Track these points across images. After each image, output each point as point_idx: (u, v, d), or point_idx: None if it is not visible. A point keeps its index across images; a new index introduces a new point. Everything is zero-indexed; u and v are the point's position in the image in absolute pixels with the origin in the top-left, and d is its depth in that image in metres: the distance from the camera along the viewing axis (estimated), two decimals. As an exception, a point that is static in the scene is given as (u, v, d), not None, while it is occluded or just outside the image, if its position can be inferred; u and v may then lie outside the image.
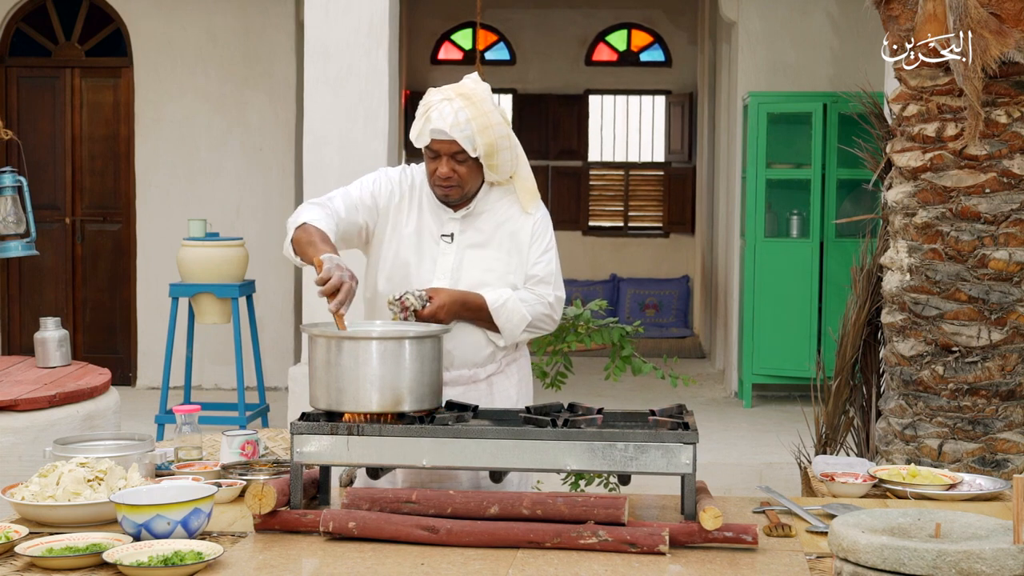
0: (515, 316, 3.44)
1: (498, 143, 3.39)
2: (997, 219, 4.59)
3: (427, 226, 3.51)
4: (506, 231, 3.51)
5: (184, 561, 2.53)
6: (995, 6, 4.43)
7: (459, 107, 3.35)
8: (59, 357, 5.34)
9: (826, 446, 5.26)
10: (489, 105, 3.39)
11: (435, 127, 3.35)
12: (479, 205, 3.51)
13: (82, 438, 3.39)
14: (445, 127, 3.33)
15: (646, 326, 8.00)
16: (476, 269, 3.46)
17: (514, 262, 3.50)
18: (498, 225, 3.51)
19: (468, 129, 3.33)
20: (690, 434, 2.84)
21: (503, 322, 3.44)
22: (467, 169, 3.40)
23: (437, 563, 2.62)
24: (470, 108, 3.35)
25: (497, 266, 3.48)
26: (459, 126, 3.33)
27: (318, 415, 3.02)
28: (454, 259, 3.47)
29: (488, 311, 3.42)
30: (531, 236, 3.52)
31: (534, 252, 3.52)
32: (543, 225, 3.57)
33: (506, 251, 3.50)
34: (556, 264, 3.57)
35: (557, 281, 3.55)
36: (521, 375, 3.62)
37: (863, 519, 2.36)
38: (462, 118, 3.33)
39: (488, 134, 3.36)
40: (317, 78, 6.62)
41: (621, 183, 13.66)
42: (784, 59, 9.06)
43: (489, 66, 12.72)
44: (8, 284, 9.76)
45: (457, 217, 3.50)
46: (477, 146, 3.35)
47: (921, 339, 4.70)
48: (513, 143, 3.46)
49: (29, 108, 9.74)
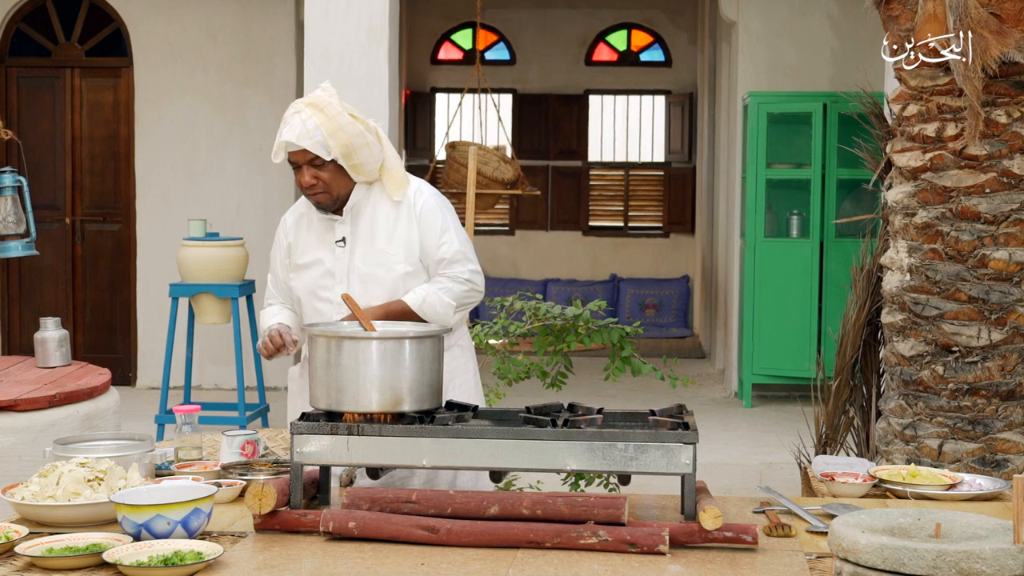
0: (439, 307, 3.60)
1: (352, 142, 3.53)
2: (997, 219, 4.59)
3: (324, 239, 3.70)
4: (388, 223, 3.65)
5: (184, 561, 2.53)
6: (995, 6, 4.43)
7: (307, 116, 3.52)
8: (59, 357, 5.34)
9: (826, 446, 5.26)
10: (337, 108, 3.54)
11: (285, 139, 3.53)
12: (360, 204, 3.66)
13: (82, 438, 3.40)
14: (293, 138, 3.51)
15: (646, 326, 8.01)
16: (366, 267, 3.63)
17: (401, 253, 3.63)
18: (379, 219, 3.65)
19: (318, 135, 3.50)
20: (690, 434, 2.84)
21: (430, 316, 3.59)
22: (329, 174, 3.57)
23: (437, 563, 2.62)
24: (318, 115, 3.52)
25: (385, 259, 3.63)
26: (308, 134, 3.50)
27: (318, 415, 3.02)
28: (347, 261, 3.65)
29: (412, 312, 3.57)
30: (419, 224, 3.64)
31: (432, 238, 3.65)
32: (430, 209, 3.67)
33: (391, 243, 3.64)
34: (460, 239, 3.68)
35: (467, 255, 3.69)
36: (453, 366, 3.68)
37: (863, 519, 2.36)
38: (310, 126, 3.50)
39: (339, 136, 3.52)
40: (317, 78, 6.61)
41: (621, 183, 13.66)
42: (784, 59, 9.06)
43: (489, 66, 12.71)
44: (8, 284, 9.76)
45: (344, 221, 3.67)
46: (331, 149, 3.52)
47: (921, 339, 4.70)
48: (371, 139, 3.58)
49: (29, 108, 9.74)
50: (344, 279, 3.64)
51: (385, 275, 3.62)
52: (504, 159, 9.85)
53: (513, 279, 12.99)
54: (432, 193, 3.72)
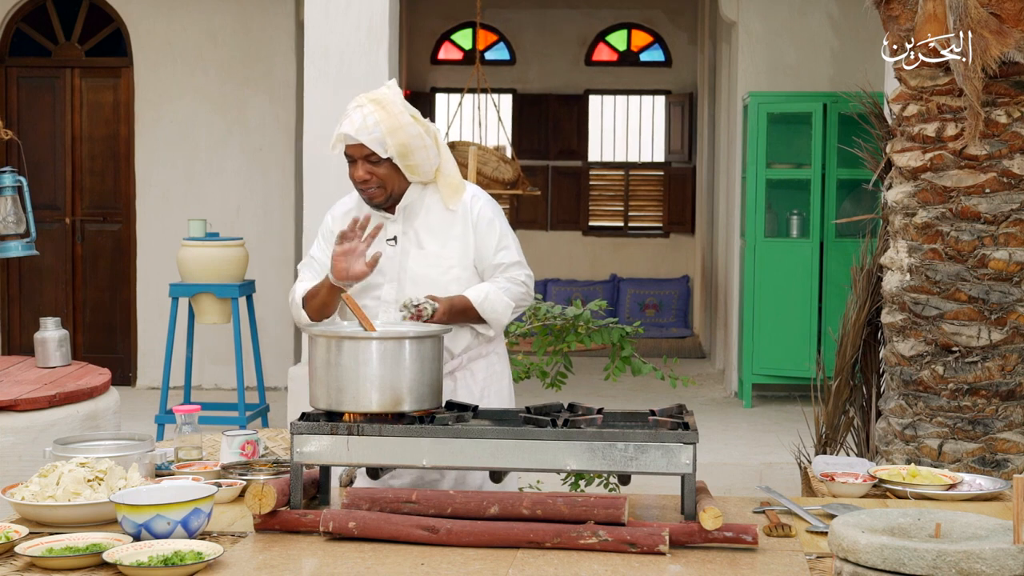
0: (499, 305, 3.57)
1: (411, 143, 3.51)
2: (997, 219, 4.59)
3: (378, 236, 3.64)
4: (442, 227, 3.62)
5: (184, 561, 2.53)
6: (995, 6, 4.43)
7: (368, 112, 3.49)
8: (59, 357, 5.33)
9: (826, 446, 5.26)
10: (399, 107, 3.52)
11: (343, 132, 3.50)
12: (414, 205, 3.62)
13: (82, 438, 3.40)
14: (352, 132, 3.48)
15: (646, 326, 8.00)
16: (418, 268, 3.59)
17: (455, 257, 3.61)
18: (434, 222, 3.62)
19: (376, 132, 3.47)
20: (690, 434, 2.84)
21: (489, 314, 3.56)
22: (384, 171, 3.53)
23: (437, 563, 2.62)
24: (379, 112, 3.49)
25: (438, 262, 3.59)
26: (367, 129, 3.47)
27: (318, 415, 3.02)
28: (399, 261, 3.61)
29: (475, 309, 3.54)
30: (475, 231, 3.61)
31: (489, 245, 3.63)
32: (488, 217, 3.64)
33: (445, 246, 3.61)
34: (515, 246, 3.69)
35: (522, 260, 3.69)
36: (489, 372, 3.69)
37: (863, 519, 2.36)
38: (370, 122, 3.47)
39: (399, 135, 3.48)
40: (317, 78, 6.62)
41: (621, 183, 13.66)
42: (784, 59, 9.06)
43: (489, 66, 12.71)
44: (8, 284, 9.76)
45: (396, 220, 3.63)
46: (388, 147, 3.49)
47: (921, 339, 4.70)
48: (429, 143, 3.56)
49: (29, 108, 9.74)
50: (395, 278, 3.60)
51: (439, 278, 3.58)
52: (504, 159, 9.85)
53: (513, 279, 12.98)
54: (487, 200, 3.69)
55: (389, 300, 3.59)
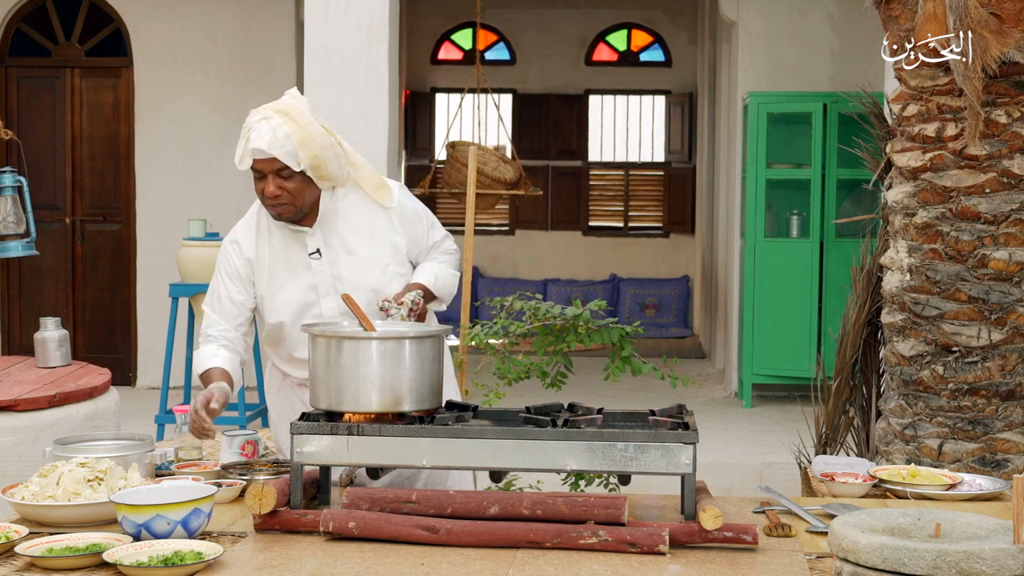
0: (447, 279, 3.62)
1: (323, 154, 3.41)
2: (997, 219, 4.59)
3: (293, 253, 3.53)
4: (365, 227, 3.55)
5: (184, 561, 2.53)
6: (995, 6, 4.43)
7: (276, 124, 3.36)
8: (59, 357, 5.34)
9: (826, 446, 5.26)
10: (307, 118, 3.41)
11: (254, 147, 3.37)
12: (328, 212, 3.52)
13: (82, 438, 3.40)
14: (263, 146, 3.35)
15: (646, 326, 8.00)
16: (353, 274, 3.51)
17: (387, 253, 3.55)
18: (356, 224, 3.55)
19: (288, 144, 3.36)
20: (690, 434, 2.84)
21: (443, 291, 3.61)
22: (295, 184, 3.42)
23: (437, 563, 2.62)
24: (288, 124, 3.37)
25: (373, 263, 3.53)
26: (278, 143, 3.35)
27: (318, 415, 3.02)
28: (330, 272, 3.52)
29: (431, 291, 3.57)
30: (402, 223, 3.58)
31: (421, 232, 3.63)
32: (409, 207, 3.62)
33: (375, 247, 3.55)
34: (432, 217, 3.71)
35: (441, 227, 3.73)
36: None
37: (863, 519, 2.36)
38: (280, 134, 3.35)
39: (310, 147, 3.38)
40: (317, 78, 6.62)
41: (621, 183, 13.66)
42: (784, 59, 9.06)
43: (489, 66, 12.71)
44: (8, 284, 9.76)
45: (314, 232, 3.52)
46: (300, 160, 3.38)
47: (921, 339, 4.70)
48: (340, 151, 3.47)
49: (29, 108, 9.73)
50: (330, 291, 3.50)
51: (378, 279, 3.52)
52: (504, 159, 9.85)
53: (513, 279, 13.00)
54: (399, 187, 3.65)
55: (333, 315, 3.48)
